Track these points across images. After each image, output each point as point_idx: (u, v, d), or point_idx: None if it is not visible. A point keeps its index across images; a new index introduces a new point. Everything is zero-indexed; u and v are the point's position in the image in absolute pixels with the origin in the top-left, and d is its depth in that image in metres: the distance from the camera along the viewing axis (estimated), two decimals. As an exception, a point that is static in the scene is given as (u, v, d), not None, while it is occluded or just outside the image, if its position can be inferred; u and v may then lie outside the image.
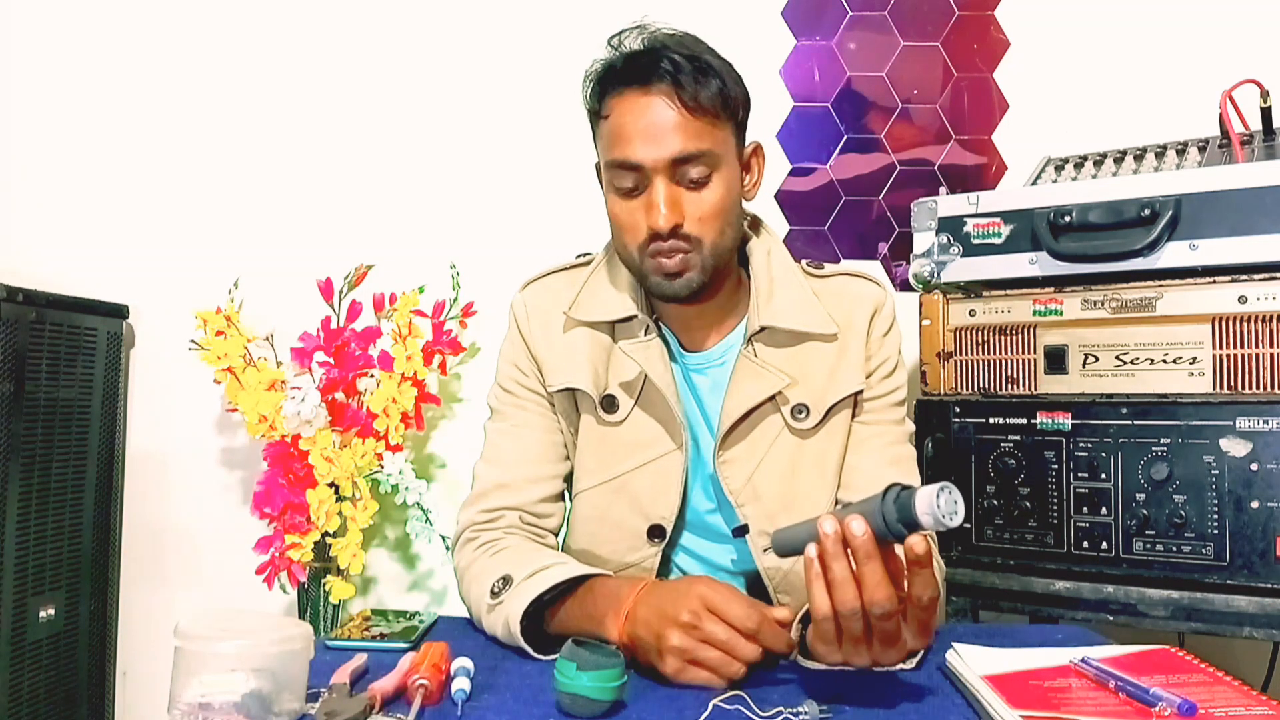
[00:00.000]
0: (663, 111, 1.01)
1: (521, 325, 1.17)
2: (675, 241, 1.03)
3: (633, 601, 0.90)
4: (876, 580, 0.76)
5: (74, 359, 1.70)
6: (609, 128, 1.05)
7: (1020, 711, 0.73)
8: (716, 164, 1.04)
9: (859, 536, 0.76)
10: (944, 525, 0.73)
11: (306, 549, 1.66)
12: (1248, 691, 0.78)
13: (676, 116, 1.01)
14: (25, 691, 1.59)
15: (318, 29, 1.89)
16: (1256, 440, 1.18)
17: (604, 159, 1.07)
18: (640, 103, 1.02)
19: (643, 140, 1.01)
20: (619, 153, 1.03)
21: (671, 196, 1.02)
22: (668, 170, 1.02)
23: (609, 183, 1.07)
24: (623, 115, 1.03)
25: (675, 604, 0.86)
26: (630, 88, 1.03)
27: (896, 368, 1.16)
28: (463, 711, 0.78)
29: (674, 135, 1.01)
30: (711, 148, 1.03)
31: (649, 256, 1.05)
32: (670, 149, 1.01)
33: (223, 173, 1.89)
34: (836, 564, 0.77)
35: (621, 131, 1.03)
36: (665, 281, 1.05)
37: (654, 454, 1.11)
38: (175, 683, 0.72)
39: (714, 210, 1.04)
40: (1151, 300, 1.27)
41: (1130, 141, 1.51)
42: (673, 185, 1.03)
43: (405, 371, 1.70)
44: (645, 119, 1.02)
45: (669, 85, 1.01)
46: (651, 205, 1.02)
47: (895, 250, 1.84)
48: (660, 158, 1.01)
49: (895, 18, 1.86)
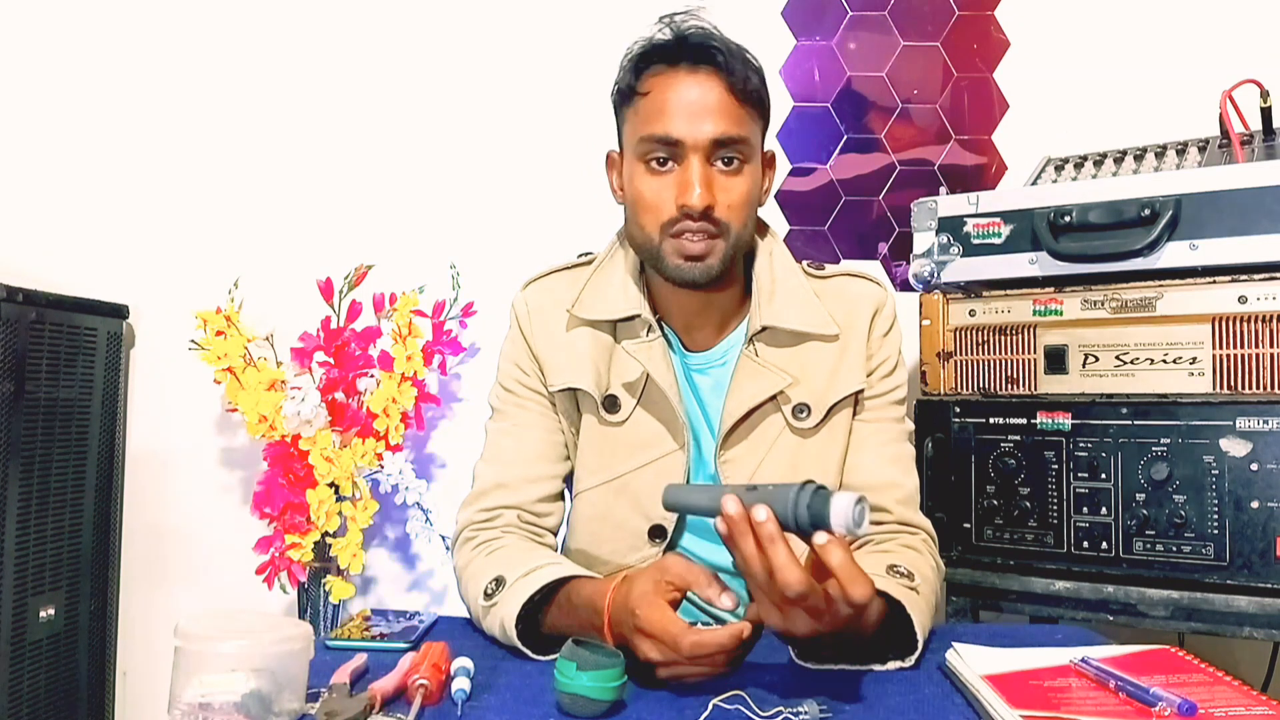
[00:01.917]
0: (709, 92, 1.02)
1: (523, 324, 1.17)
2: (704, 223, 1.03)
3: (607, 618, 0.89)
4: (783, 562, 0.77)
5: (74, 359, 1.70)
6: (647, 104, 1.04)
7: (1020, 711, 0.73)
8: (749, 154, 1.05)
9: (762, 522, 0.77)
10: (853, 534, 0.77)
11: (306, 549, 1.66)
12: (1248, 691, 0.78)
13: (723, 98, 1.02)
14: (25, 691, 1.59)
15: (318, 30, 1.89)
16: (1256, 440, 1.18)
17: (639, 134, 1.05)
18: (687, 80, 1.03)
19: (686, 117, 1.02)
20: (658, 127, 1.03)
21: (707, 177, 1.02)
22: (706, 150, 1.02)
23: (639, 159, 1.05)
24: (665, 91, 1.03)
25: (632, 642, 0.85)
26: (678, 65, 1.03)
27: (896, 367, 1.16)
28: (463, 711, 0.78)
29: (718, 116, 1.02)
30: (748, 136, 1.04)
31: (670, 237, 1.04)
32: (713, 129, 1.02)
33: (223, 173, 1.89)
34: (743, 541, 0.78)
35: (664, 107, 1.03)
36: (685, 264, 1.05)
37: (656, 454, 1.11)
38: (175, 683, 0.72)
39: (743, 199, 1.05)
40: (1151, 300, 1.27)
41: (1130, 141, 1.51)
42: (708, 166, 1.03)
43: (405, 371, 1.70)
44: (690, 96, 1.02)
45: (718, 69, 1.02)
46: (686, 183, 1.02)
47: (895, 250, 1.84)
48: (702, 136, 1.01)
49: (895, 18, 1.86)
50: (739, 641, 0.82)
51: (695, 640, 0.80)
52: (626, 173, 1.09)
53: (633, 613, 0.84)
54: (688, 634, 0.81)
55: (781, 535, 0.78)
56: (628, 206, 1.10)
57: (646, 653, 0.83)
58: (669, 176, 1.04)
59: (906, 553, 1.05)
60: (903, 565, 0.99)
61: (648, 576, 0.87)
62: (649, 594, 0.85)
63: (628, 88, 1.07)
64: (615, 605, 0.88)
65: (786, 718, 0.77)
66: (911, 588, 0.96)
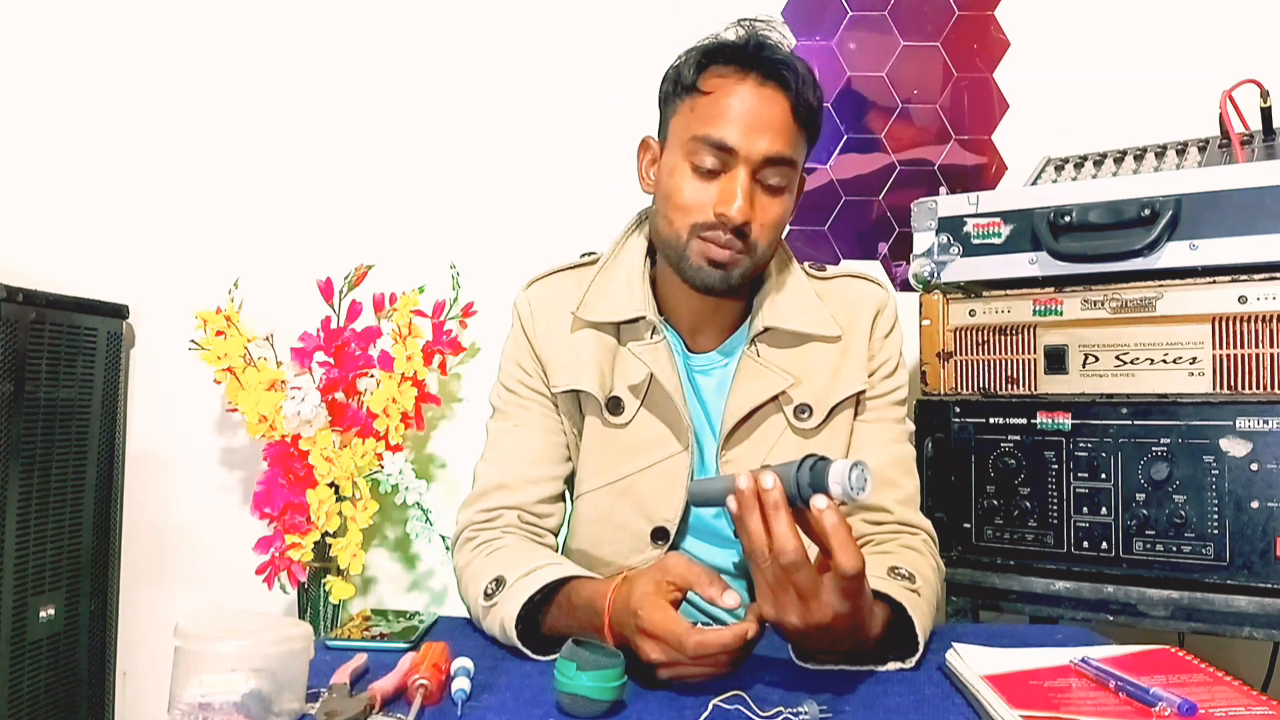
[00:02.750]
0: (774, 108, 1.02)
1: (526, 324, 1.16)
2: (734, 238, 1.03)
3: (608, 618, 0.89)
4: (782, 530, 0.78)
5: (74, 359, 1.70)
6: (707, 104, 1.03)
7: (1020, 711, 0.73)
8: (792, 179, 1.06)
9: (769, 489, 0.79)
10: (853, 499, 0.79)
11: (306, 549, 1.66)
12: (1248, 691, 0.78)
13: (784, 117, 1.02)
14: (25, 691, 1.59)
15: (318, 30, 1.89)
16: (1256, 440, 1.18)
17: (692, 132, 1.04)
18: (755, 91, 1.02)
19: (745, 127, 1.01)
20: (715, 131, 1.02)
21: (750, 192, 1.02)
22: (756, 165, 1.02)
23: (685, 155, 1.04)
24: (729, 95, 1.02)
25: (633, 642, 0.85)
26: (750, 73, 1.03)
27: (898, 368, 1.16)
28: (463, 711, 0.78)
29: (776, 134, 1.02)
30: (796, 159, 1.05)
31: (698, 239, 1.04)
32: (768, 146, 1.01)
33: (223, 173, 1.89)
34: (750, 516, 0.80)
35: (726, 111, 1.02)
36: (707, 269, 1.04)
37: (659, 455, 1.11)
38: (175, 683, 0.72)
39: (776, 221, 1.06)
40: (1151, 300, 1.27)
41: (1130, 141, 1.51)
42: (752, 182, 1.03)
43: (405, 371, 1.70)
44: (754, 108, 1.02)
45: (786, 87, 1.02)
46: (730, 193, 1.01)
47: (895, 250, 1.84)
48: (756, 151, 1.01)
49: (895, 18, 1.86)
50: (743, 641, 0.82)
51: (699, 640, 0.80)
52: (667, 165, 1.07)
53: (635, 613, 0.84)
54: (691, 634, 0.81)
55: (786, 506, 0.79)
56: (659, 198, 1.09)
57: (649, 653, 0.83)
58: (713, 182, 1.03)
59: (907, 553, 1.05)
60: (904, 567, 0.99)
61: (648, 577, 0.87)
62: (650, 594, 0.85)
63: (690, 81, 1.06)
64: (616, 606, 0.88)
65: (786, 718, 0.77)
66: (913, 589, 0.96)
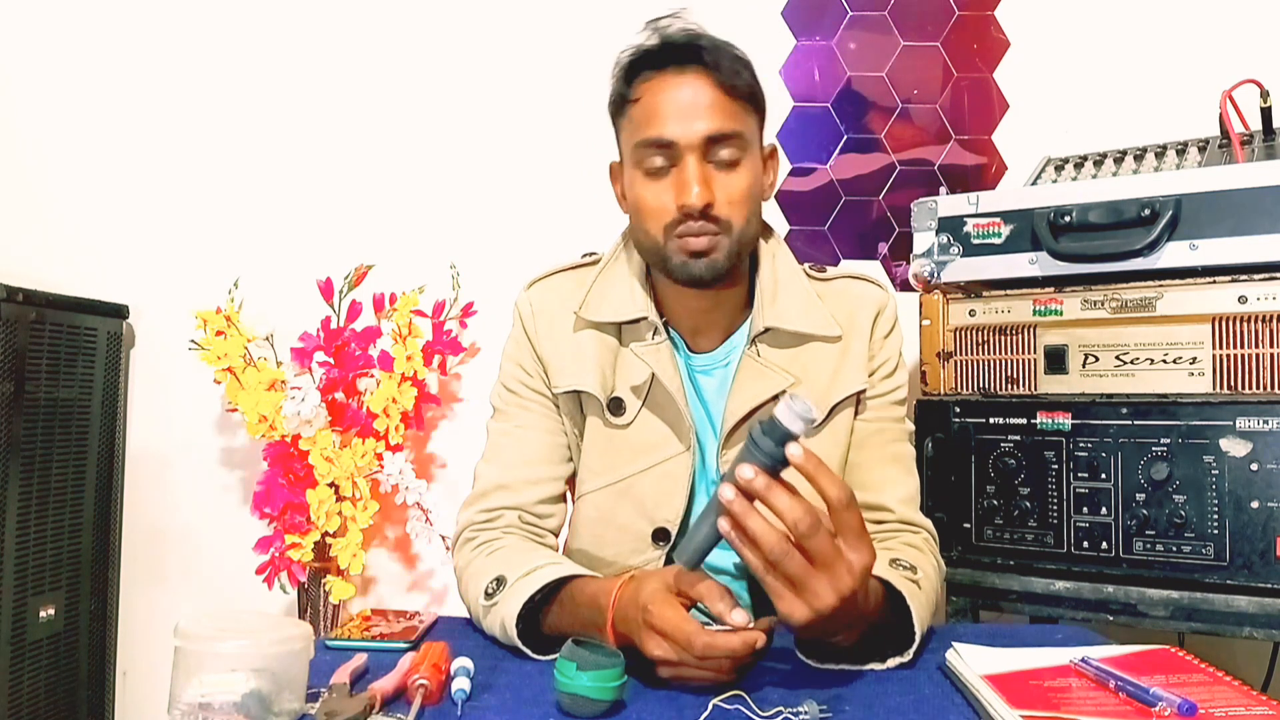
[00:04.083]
0: (699, 90, 1.02)
1: (527, 325, 1.16)
2: (704, 223, 1.03)
3: (611, 614, 0.89)
4: (787, 503, 0.77)
5: (74, 359, 1.71)
6: (639, 110, 1.05)
7: (1020, 711, 0.73)
8: (746, 148, 1.05)
9: (752, 480, 0.77)
10: (811, 421, 0.76)
11: (306, 549, 1.66)
12: (1248, 691, 0.78)
13: (713, 95, 1.02)
14: (25, 691, 1.59)
15: (318, 30, 1.89)
16: (1256, 440, 1.18)
17: (633, 141, 1.05)
18: (675, 82, 1.03)
19: (677, 118, 1.01)
20: (651, 131, 1.03)
21: (704, 175, 1.02)
22: (701, 148, 1.02)
23: (636, 165, 1.06)
24: (655, 95, 1.03)
25: (639, 637, 0.85)
26: (666, 69, 1.03)
27: (897, 368, 1.16)
28: (463, 711, 0.78)
29: (709, 113, 1.01)
30: (742, 131, 1.04)
31: (675, 238, 1.04)
32: (705, 127, 1.01)
33: (223, 173, 1.89)
34: (751, 518, 0.78)
35: (655, 110, 1.03)
36: (690, 261, 1.04)
37: (661, 456, 1.10)
38: (175, 683, 0.72)
39: (743, 194, 1.04)
40: (1151, 300, 1.27)
41: (1130, 141, 1.51)
42: (704, 164, 1.02)
43: (405, 371, 1.70)
44: (681, 97, 1.02)
45: (705, 67, 1.02)
46: (684, 183, 1.02)
47: (895, 250, 1.85)
48: (695, 135, 1.01)
49: (895, 18, 1.86)
50: (751, 650, 0.81)
51: (708, 642, 0.80)
52: (628, 180, 1.09)
53: (645, 608, 0.84)
54: (701, 634, 0.81)
55: (777, 482, 0.78)
56: (631, 214, 1.10)
57: (652, 650, 0.83)
58: (667, 179, 1.04)
59: (908, 550, 1.05)
60: (905, 560, 0.99)
61: (659, 577, 0.87)
62: (661, 591, 0.85)
63: (620, 97, 1.08)
64: (623, 601, 0.88)
65: (786, 718, 0.77)
66: (913, 580, 0.96)
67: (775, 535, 0.78)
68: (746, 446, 0.79)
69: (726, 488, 0.78)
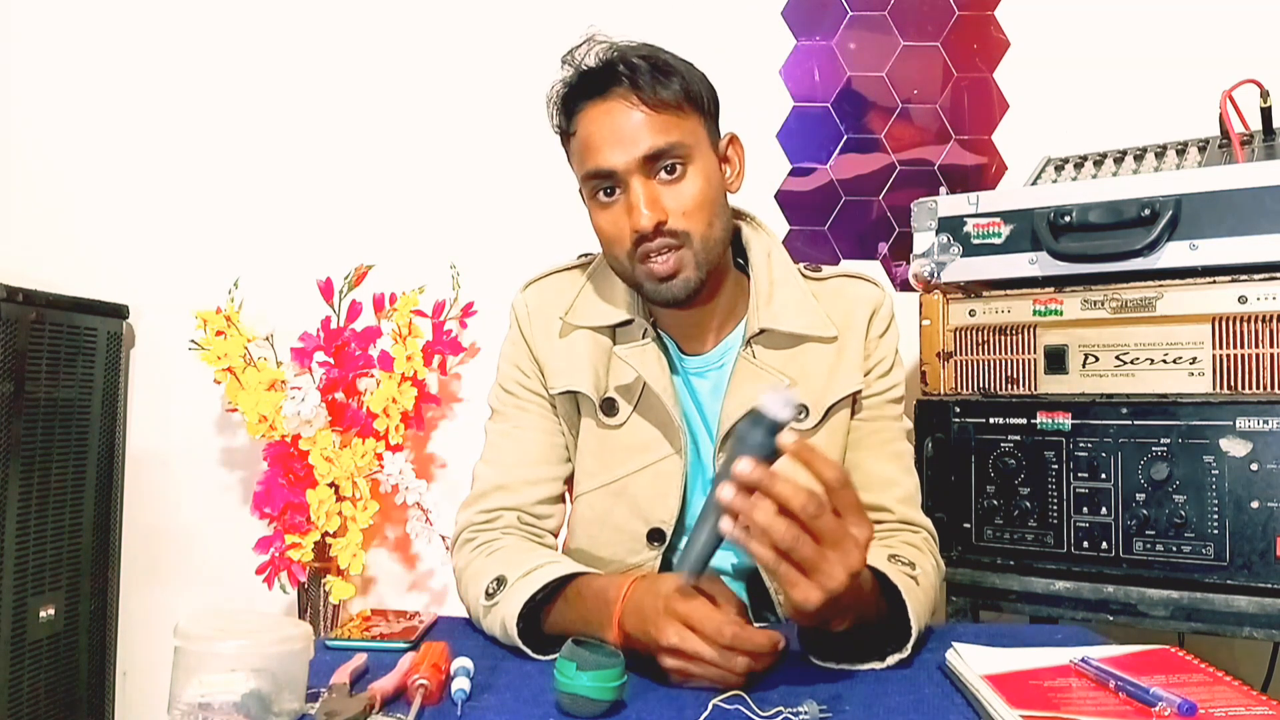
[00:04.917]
0: (624, 114, 1.02)
1: (523, 326, 1.16)
2: (662, 240, 1.02)
3: (620, 608, 0.89)
4: (791, 490, 0.77)
5: (74, 359, 1.71)
6: (578, 144, 1.06)
7: (1020, 711, 0.73)
8: (689, 156, 1.03)
9: (750, 474, 0.77)
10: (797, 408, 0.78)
11: (306, 549, 1.66)
12: (1248, 691, 0.78)
13: (639, 115, 1.01)
14: (25, 691, 1.59)
15: (318, 30, 1.89)
16: (1256, 440, 1.18)
17: (580, 174, 1.07)
18: (602, 109, 1.03)
19: (610, 145, 1.02)
20: (591, 163, 1.03)
21: (650, 195, 1.02)
22: (641, 169, 1.02)
23: (590, 196, 1.07)
24: (588, 126, 1.04)
25: (657, 624, 0.85)
26: (591, 100, 1.04)
27: (894, 366, 1.16)
28: (463, 711, 0.78)
29: (640, 133, 1.01)
30: (680, 139, 1.02)
31: (639, 262, 1.04)
32: (638, 148, 1.01)
33: (223, 173, 1.89)
34: (757, 510, 0.77)
35: (590, 142, 1.03)
36: (661, 286, 1.04)
37: (653, 458, 1.10)
38: (175, 683, 0.72)
39: (696, 202, 1.03)
40: (1151, 300, 1.27)
41: (1130, 141, 1.51)
42: (649, 183, 1.02)
43: (405, 371, 1.70)
44: (609, 125, 1.02)
45: (626, 88, 1.02)
46: (632, 207, 1.02)
47: (895, 250, 1.85)
48: (630, 158, 1.01)
49: (895, 18, 1.86)
50: (776, 647, 0.83)
51: (738, 632, 0.81)
52: (589, 212, 1.09)
53: (667, 598, 0.84)
54: (732, 624, 0.81)
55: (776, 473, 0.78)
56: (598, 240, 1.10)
57: (669, 638, 0.83)
58: (618, 205, 1.04)
59: (908, 548, 1.05)
60: (904, 556, 0.99)
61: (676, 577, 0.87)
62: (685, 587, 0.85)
63: (561, 132, 1.09)
64: (636, 594, 0.89)
65: (786, 718, 0.77)
66: (911, 576, 0.96)
67: (785, 522, 0.77)
68: (735, 444, 0.80)
69: (724, 487, 0.78)
